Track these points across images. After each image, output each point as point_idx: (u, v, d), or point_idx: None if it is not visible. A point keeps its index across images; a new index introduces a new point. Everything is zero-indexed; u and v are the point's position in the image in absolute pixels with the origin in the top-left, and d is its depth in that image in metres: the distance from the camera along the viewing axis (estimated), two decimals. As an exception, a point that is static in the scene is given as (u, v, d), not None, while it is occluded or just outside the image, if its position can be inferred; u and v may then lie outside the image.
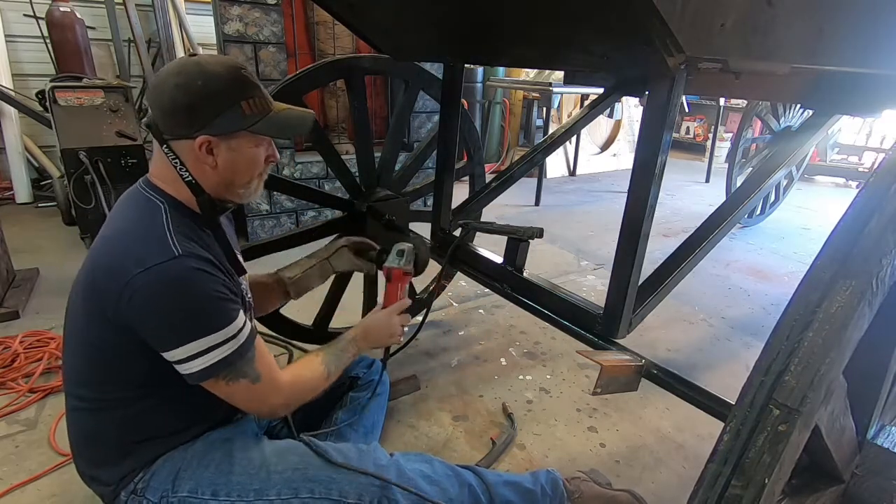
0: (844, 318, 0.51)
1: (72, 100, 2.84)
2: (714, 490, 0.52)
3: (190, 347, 0.89)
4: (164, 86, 0.91)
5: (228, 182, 0.99)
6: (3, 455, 1.47)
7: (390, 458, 1.11)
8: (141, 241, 0.90)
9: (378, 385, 1.43)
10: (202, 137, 0.92)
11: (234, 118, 0.93)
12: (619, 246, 1.10)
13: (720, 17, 0.78)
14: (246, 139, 0.97)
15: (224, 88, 0.92)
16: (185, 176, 0.95)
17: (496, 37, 1.15)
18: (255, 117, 0.95)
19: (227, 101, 0.92)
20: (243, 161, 0.98)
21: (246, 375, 0.96)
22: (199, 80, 0.91)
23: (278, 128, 1.01)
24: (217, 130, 0.93)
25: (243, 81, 0.95)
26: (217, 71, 0.92)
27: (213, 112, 0.91)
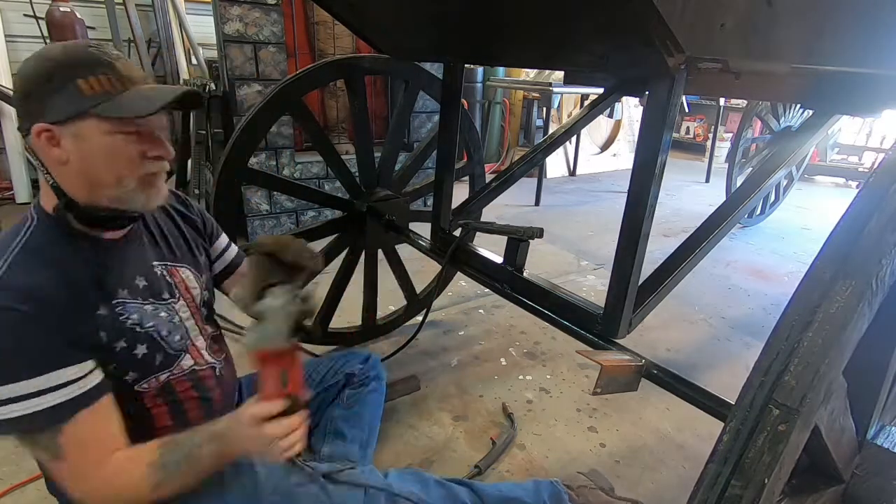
0: (844, 318, 0.51)
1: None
2: (714, 490, 0.52)
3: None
4: None
5: (91, 181, 0.82)
6: (3, 455, 1.47)
7: (383, 480, 1.07)
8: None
9: (373, 380, 1.42)
10: (37, 125, 0.79)
11: (69, 100, 0.78)
12: (619, 246, 1.10)
13: (720, 17, 0.78)
14: (94, 125, 0.80)
15: (56, 67, 0.79)
16: (48, 178, 0.83)
17: (496, 37, 1.15)
18: (97, 98, 0.79)
19: (58, 81, 0.78)
20: (97, 152, 0.81)
21: (43, 447, 0.79)
22: (31, 62, 0.80)
23: (125, 107, 0.81)
24: (53, 116, 0.78)
25: (83, 58, 0.80)
26: (52, 52, 0.80)
27: (44, 94, 0.78)
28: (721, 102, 5.60)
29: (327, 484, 1.02)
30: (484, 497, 1.14)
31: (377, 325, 2.13)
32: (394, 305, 2.32)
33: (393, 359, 1.91)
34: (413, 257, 1.77)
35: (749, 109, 3.67)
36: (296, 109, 1.62)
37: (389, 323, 2.18)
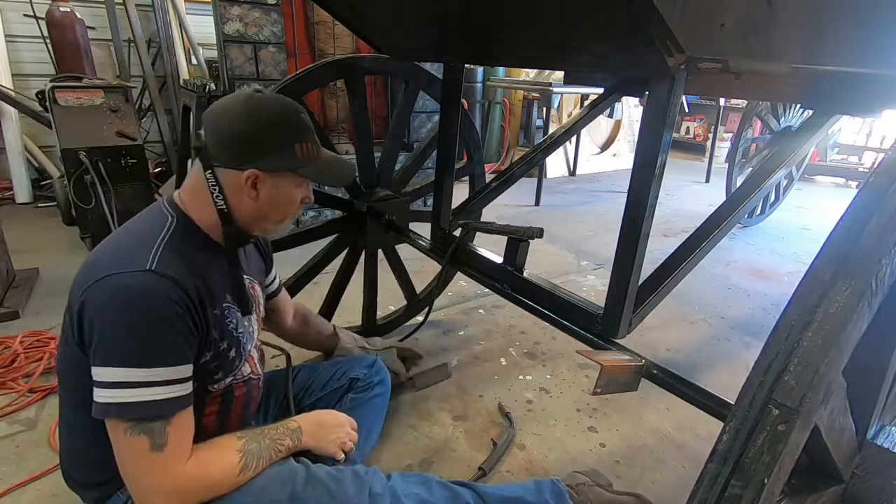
0: (844, 318, 0.51)
1: (72, 100, 2.84)
2: (713, 490, 0.52)
3: (107, 372, 0.81)
4: (224, 114, 0.93)
5: (262, 217, 1.00)
6: (3, 455, 1.47)
7: (387, 483, 1.08)
8: (123, 247, 0.89)
9: (377, 385, 1.43)
10: (251, 170, 0.93)
11: (286, 157, 0.95)
12: (619, 246, 1.10)
13: (720, 17, 0.78)
14: (291, 179, 0.98)
15: (282, 127, 0.95)
16: (220, 204, 0.95)
17: (496, 37, 1.15)
18: (304, 160, 0.98)
19: (282, 140, 0.95)
20: (283, 199, 0.99)
21: (150, 434, 0.84)
22: (260, 114, 0.93)
23: (324, 175, 1.03)
24: (266, 166, 0.94)
25: (300, 124, 0.98)
26: (278, 110, 0.95)
27: (267, 148, 0.94)
28: (721, 102, 5.60)
29: (332, 484, 1.02)
30: (487, 498, 1.14)
31: (377, 325, 2.13)
32: (394, 305, 2.32)
33: (393, 359, 1.91)
34: (413, 257, 1.77)
35: (749, 109, 3.67)
36: (296, 109, 1.61)
37: (389, 323, 2.18)
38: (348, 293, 1.94)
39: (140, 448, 0.84)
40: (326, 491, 1.01)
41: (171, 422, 0.86)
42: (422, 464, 1.51)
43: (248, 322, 1.07)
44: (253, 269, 1.18)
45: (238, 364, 1.04)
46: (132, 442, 0.84)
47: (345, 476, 1.06)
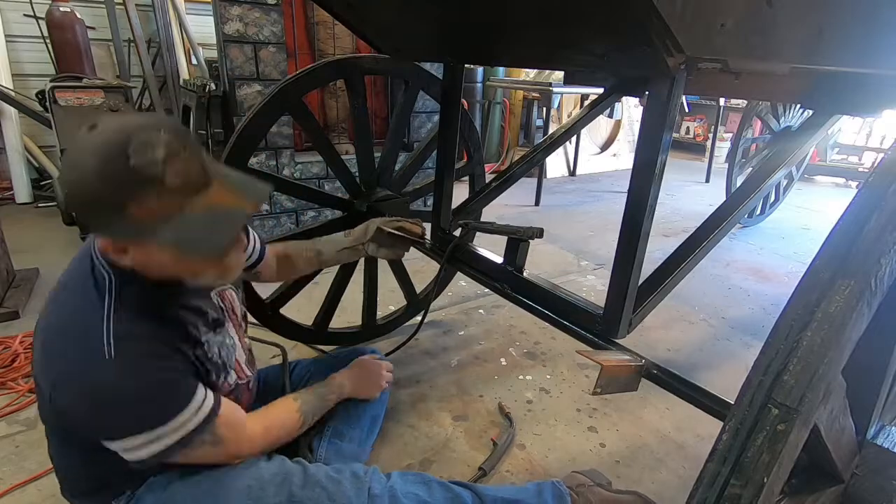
0: (843, 317, 0.51)
1: (72, 100, 2.84)
2: (713, 489, 0.52)
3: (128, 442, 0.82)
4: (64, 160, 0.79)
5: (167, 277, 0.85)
6: (3, 455, 1.47)
7: (386, 482, 1.08)
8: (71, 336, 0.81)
9: None
10: (102, 240, 0.79)
11: (126, 227, 0.73)
12: (619, 246, 1.10)
13: (720, 17, 0.78)
14: (158, 250, 0.77)
15: (102, 190, 0.70)
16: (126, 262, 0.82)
17: (496, 37, 1.15)
18: (154, 223, 0.73)
19: (110, 206, 0.72)
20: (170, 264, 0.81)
21: (204, 443, 0.90)
22: (73, 175, 0.72)
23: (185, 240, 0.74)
24: (115, 235, 0.77)
25: (124, 180, 0.70)
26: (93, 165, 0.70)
27: (99, 217, 0.74)
28: (721, 102, 5.60)
29: (330, 486, 1.02)
30: (487, 500, 1.14)
31: (377, 325, 2.13)
32: (394, 305, 2.32)
33: (393, 359, 1.91)
34: (413, 257, 1.76)
35: (749, 109, 3.67)
36: (296, 109, 1.61)
37: (389, 323, 2.18)
38: (348, 293, 1.94)
39: (206, 452, 0.92)
40: (325, 493, 1.01)
41: (217, 424, 0.92)
42: (422, 464, 1.51)
43: (224, 336, 1.03)
44: None
45: (222, 380, 1.02)
46: (196, 452, 0.90)
47: (343, 477, 1.05)
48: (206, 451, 0.93)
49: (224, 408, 0.95)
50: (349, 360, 1.44)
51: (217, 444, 0.93)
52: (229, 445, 0.96)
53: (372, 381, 1.34)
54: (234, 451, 0.98)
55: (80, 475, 1.00)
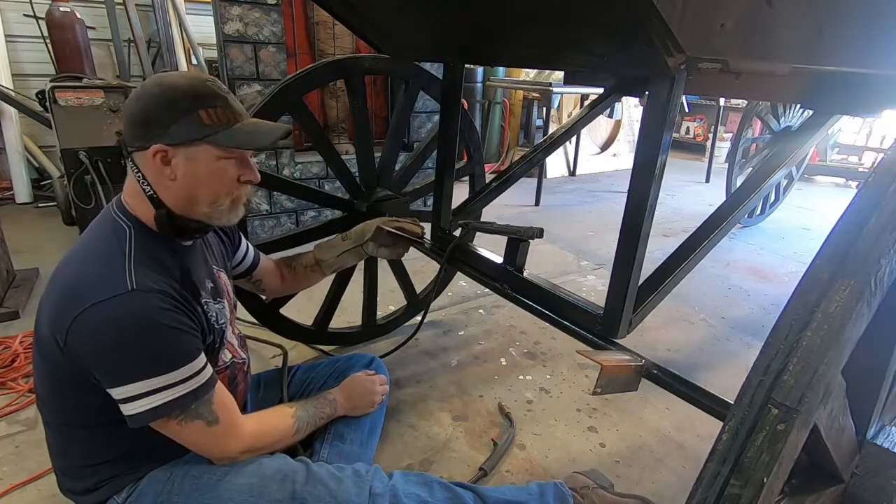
0: (843, 317, 0.51)
1: (72, 100, 2.84)
2: (713, 489, 0.52)
3: (134, 387, 0.85)
4: (129, 99, 0.91)
5: (191, 197, 0.94)
6: (3, 455, 1.47)
7: (388, 482, 1.08)
8: (95, 272, 0.87)
9: None
10: (156, 146, 0.88)
11: (190, 127, 0.89)
12: (619, 246, 1.10)
13: (720, 17, 0.78)
14: (207, 150, 0.91)
15: (181, 97, 0.89)
16: (147, 190, 0.92)
17: (496, 37, 1.15)
18: (215, 128, 0.91)
19: (182, 110, 0.88)
20: (204, 174, 0.92)
21: (201, 417, 0.92)
22: (155, 89, 0.89)
23: (238, 139, 0.93)
24: (172, 139, 0.89)
25: (204, 91, 0.91)
26: (176, 82, 0.90)
27: (168, 120, 0.88)
28: (721, 102, 5.60)
29: (332, 483, 1.02)
30: (488, 501, 1.13)
31: (377, 324, 2.13)
32: (394, 305, 2.32)
33: (393, 359, 1.91)
34: (413, 257, 1.76)
35: (749, 109, 3.67)
36: (296, 109, 1.62)
37: (389, 323, 2.18)
38: (348, 293, 1.94)
39: (199, 429, 0.93)
40: (327, 490, 1.01)
41: (213, 400, 0.94)
42: (422, 464, 1.51)
43: (224, 310, 1.10)
44: (217, 257, 1.17)
45: (219, 353, 1.07)
46: (189, 428, 0.92)
47: (345, 475, 1.06)
48: (200, 430, 0.93)
49: (220, 388, 0.97)
50: (349, 365, 1.45)
51: (211, 424, 0.94)
52: (220, 431, 0.95)
53: (365, 399, 1.32)
54: (222, 440, 0.97)
55: (81, 468, 1.00)
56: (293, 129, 1.09)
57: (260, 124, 0.99)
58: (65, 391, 0.93)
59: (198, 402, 0.91)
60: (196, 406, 0.91)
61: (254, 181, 1.00)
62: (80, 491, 1.01)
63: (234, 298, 1.23)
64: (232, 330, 1.16)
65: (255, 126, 0.97)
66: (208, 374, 0.94)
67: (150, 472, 1.00)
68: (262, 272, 1.41)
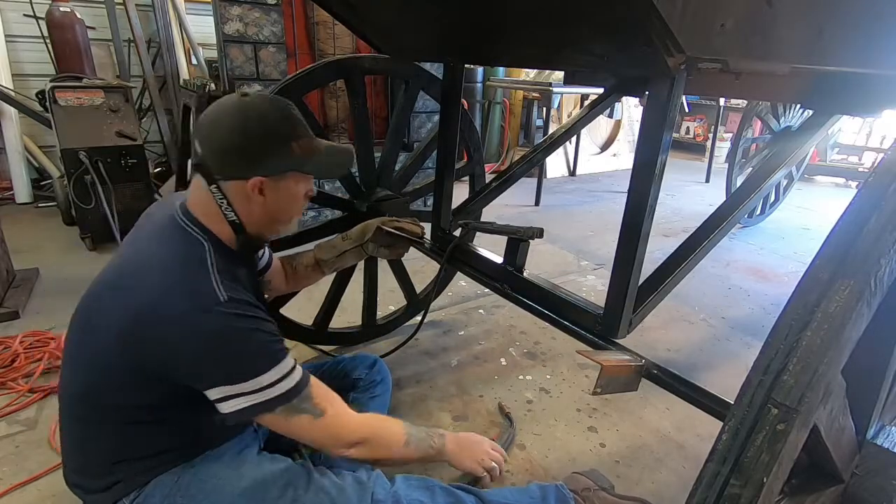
0: (843, 317, 0.51)
1: (72, 100, 2.84)
2: (713, 489, 0.52)
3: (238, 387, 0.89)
4: (215, 126, 0.93)
5: (272, 220, 1.02)
6: (3, 455, 1.47)
7: (390, 488, 1.09)
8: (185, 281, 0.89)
9: (378, 385, 1.43)
10: (256, 179, 0.94)
11: (284, 159, 0.96)
12: (619, 246, 1.10)
13: (720, 17, 0.78)
14: (293, 178, 0.99)
15: (275, 129, 0.94)
16: (230, 216, 0.97)
17: (496, 37, 1.15)
18: (303, 158, 0.98)
19: (277, 142, 0.94)
20: (289, 199, 1.01)
21: (305, 411, 0.96)
22: (251, 121, 0.92)
23: (326, 168, 1.04)
24: (269, 171, 0.95)
25: (293, 122, 0.97)
26: (267, 111, 0.94)
27: (264, 153, 0.94)
28: (721, 102, 5.60)
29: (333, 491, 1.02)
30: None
31: (377, 324, 2.13)
32: (394, 305, 2.32)
33: (393, 359, 1.91)
34: (413, 257, 1.76)
35: (749, 109, 3.67)
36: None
37: (389, 323, 2.18)
38: (348, 293, 1.94)
39: (307, 423, 0.96)
40: (328, 498, 1.01)
41: (313, 395, 0.97)
42: (423, 466, 1.51)
43: None
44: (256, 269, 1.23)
45: None
46: (297, 422, 0.95)
47: (346, 483, 1.06)
48: (306, 424, 0.96)
49: (317, 383, 1.00)
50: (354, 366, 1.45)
51: (318, 417, 0.96)
52: (330, 422, 0.98)
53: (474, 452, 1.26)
54: (335, 430, 1.00)
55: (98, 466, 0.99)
56: None
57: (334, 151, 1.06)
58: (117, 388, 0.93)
59: (298, 397, 0.94)
60: (297, 402, 0.94)
61: (313, 194, 1.07)
62: (91, 489, 1.00)
63: None
64: None
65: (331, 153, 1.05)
66: (300, 373, 0.96)
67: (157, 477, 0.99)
68: (272, 272, 1.42)
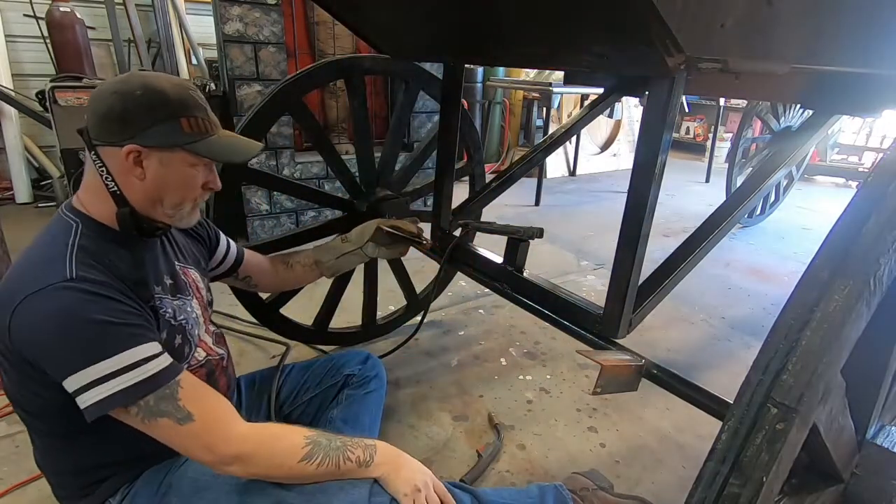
0: (842, 317, 0.51)
1: (72, 100, 2.84)
2: (712, 489, 0.52)
3: (80, 376, 0.80)
4: (103, 93, 0.89)
5: (156, 199, 0.94)
6: (3, 455, 1.48)
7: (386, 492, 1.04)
8: (34, 265, 0.85)
9: (372, 381, 1.42)
10: (131, 145, 0.88)
11: (170, 132, 0.90)
12: (619, 246, 1.10)
13: (720, 17, 0.78)
14: (181, 157, 0.93)
15: (163, 101, 0.89)
16: (111, 186, 0.91)
17: (496, 37, 1.15)
18: (194, 136, 0.92)
19: (163, 114, 0.89)
20: (175, 179, 0.94)
21: (166, 414, 0.85)
22: (139, 90, 0.88)
23: (218, 151, 0.95)
24: (150, 141, 0.89)
25: (188, 99, 0.92)
26: (162, 86, 0.90)
27: (148, 122, 0.88)
28: (721, 102, 5.59)
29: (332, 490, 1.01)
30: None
31: (377, 325, 2.13)
32: (394, 305, 2.32)
33: (393, 359, 1.91)
34: (413, 257, 1.77)
35: (749, 109, 3.67)
36: (296, 109, 1.62)
37: (389, 323, 2.18)
38: (348, 293, 1.94)
39: (169, 427, 0.85)
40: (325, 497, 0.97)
41: (179, 394, 0.86)
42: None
43: (187, 307, 1.05)
44: (186, 255, 1.15)
45: (189, 351, 1.03)
46: (157, 426, 0.85)
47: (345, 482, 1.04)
48: (171, 429, 0.85)
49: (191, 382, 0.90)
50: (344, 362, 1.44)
51: (183, 421, 0.85)
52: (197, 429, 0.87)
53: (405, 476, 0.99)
54: (206, 440, 0.87)
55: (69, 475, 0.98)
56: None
57: (237, 139, 1.02)
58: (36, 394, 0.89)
59: (154, 394, 0.84)
60: (155, 401, 0.84)
61: (216, 189, 1.01)
62: (73, 497, 1.00)
63: (209, 296, 1.19)
64: (206, 328, 1.13)
65: (232, 140, 1.00)
66: (161, 366, 0.86)
67: (144, 473, 0.98)
68: (249, 268, 1.39)
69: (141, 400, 0.83)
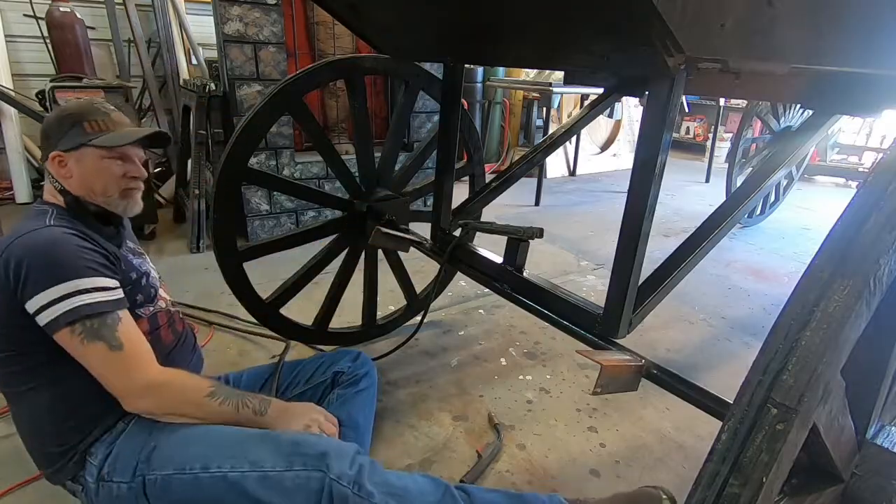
0: (842, 317, 0.51)
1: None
2: (712, 489, 0.52)
3: (43, 296, 0.96)
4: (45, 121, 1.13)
5: (87, 189, 1.12)
6: (3, 455, 1.47)
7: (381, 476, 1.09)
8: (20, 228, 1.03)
9: (363, 378, 1.41)
10: (53, 153, 1.09)
11: (76, 135, 1.09)
12: (619, 246, 1.10)
13: (720, 17, 0.78)
14: (91, 152, 1.10)
15: (69, 114, 1.11)
16: (57, 186, 1.11)
17: (496, 37, 1.15)
18: (96, 134, 1.10)
19: (69, 123, 1.10)
20: (92, 171, 1.11)
21: (102, 338, 0.99)
22: (53, 113, 1.13)
23: (111, 139, 1.12)
24: (63, 146, 1.09)
25: (88, 109, 1.12)
26: (69, 105, 1.14)
27: (60, 133, 1.10)
28: (721, 102, 5.60)
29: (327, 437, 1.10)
30: None
31: (377, 325, 2.13)
32: (394, 305, 2.32)
33: (393, 359, 1.91)
34: (413, 257, 1.77)
35: (749, 109, 3.67)
36: (296, 109, 1.62)
37: (389, 323, 2.18)
38: (348, 293, 1.94)
39: (101, 352, 1.00)
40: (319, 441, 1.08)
41: (118, 327, 1.02)
42: (421, 464, 1.51)
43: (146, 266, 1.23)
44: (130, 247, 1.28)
45: (154, 294, 1.20)
46: (92, 349, 0.99)
47: None
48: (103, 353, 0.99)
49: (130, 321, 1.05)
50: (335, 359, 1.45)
51: (114, 349, 1.00)
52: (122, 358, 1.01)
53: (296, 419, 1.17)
54: (125, 369, 1.02)
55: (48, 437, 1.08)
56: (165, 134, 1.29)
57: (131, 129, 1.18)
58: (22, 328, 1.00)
59: (98, 319, 0.99)
60: (97, 325, 0.99)
61: (139, 177, 1.17)
62: (57, 467, 1.07)
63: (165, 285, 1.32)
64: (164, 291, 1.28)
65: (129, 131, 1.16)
66: (114, 297, 1.03)
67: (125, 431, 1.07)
68: None
69: (88, 321, 0.98)
